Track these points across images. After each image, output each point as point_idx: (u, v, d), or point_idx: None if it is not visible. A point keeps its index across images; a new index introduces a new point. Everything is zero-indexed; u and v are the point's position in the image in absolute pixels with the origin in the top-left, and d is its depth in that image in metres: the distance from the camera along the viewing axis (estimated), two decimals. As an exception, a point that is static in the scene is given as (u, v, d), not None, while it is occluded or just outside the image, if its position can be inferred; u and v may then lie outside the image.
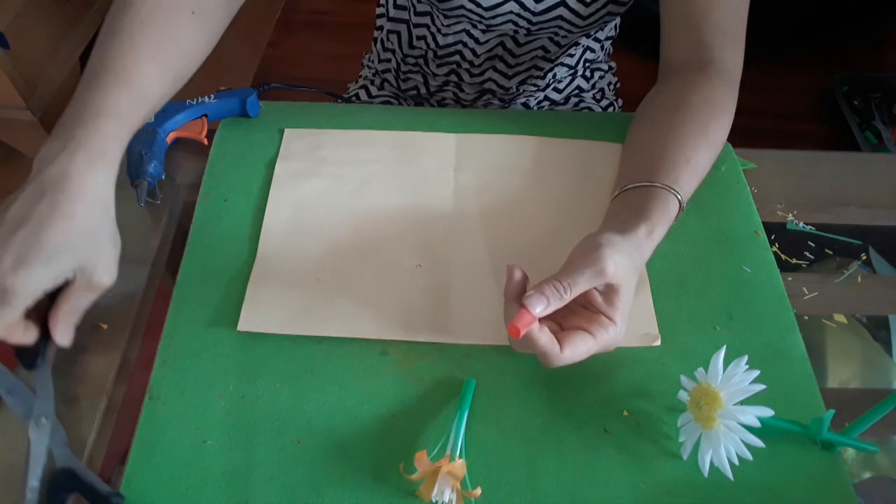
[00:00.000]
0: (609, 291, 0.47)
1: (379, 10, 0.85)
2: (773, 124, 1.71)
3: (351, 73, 0.97)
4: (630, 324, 0.52)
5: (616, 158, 0.64)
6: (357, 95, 0.90)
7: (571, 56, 0.80)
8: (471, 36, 0.75)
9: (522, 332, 0.44)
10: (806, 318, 0.56)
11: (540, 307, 0.45)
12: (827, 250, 0.61)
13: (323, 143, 0.65)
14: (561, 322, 0.48)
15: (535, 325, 0.45)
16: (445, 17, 0.73)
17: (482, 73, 0.80)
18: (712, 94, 0.59)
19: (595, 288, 0.47)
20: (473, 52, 0.77)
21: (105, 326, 0.54)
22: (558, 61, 0.79)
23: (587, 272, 0.45)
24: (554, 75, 0.81)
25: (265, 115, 0.67)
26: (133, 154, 0.61)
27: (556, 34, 0.73)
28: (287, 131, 0.66)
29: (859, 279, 0.59)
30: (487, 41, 0.75)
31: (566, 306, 0.46)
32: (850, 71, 1.72)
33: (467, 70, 0.80)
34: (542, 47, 0.76)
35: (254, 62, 1.86)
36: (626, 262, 0.47)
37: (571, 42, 0.76)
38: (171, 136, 0.64)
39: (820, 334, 0.57)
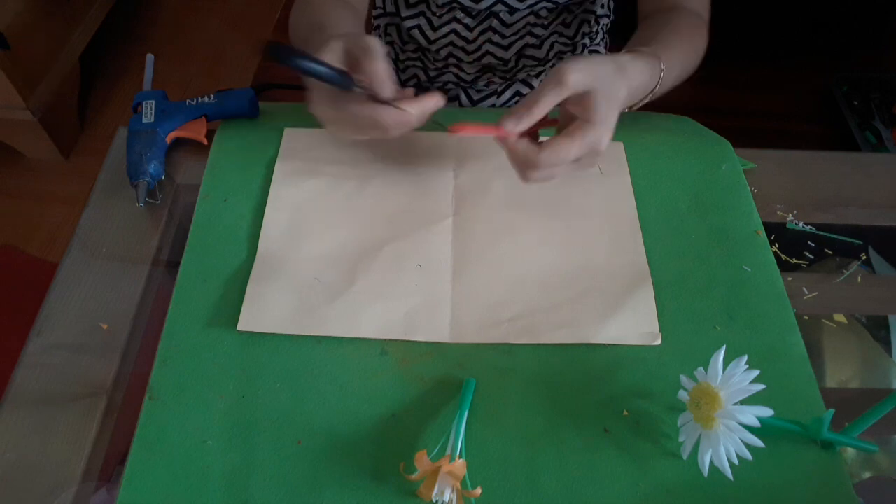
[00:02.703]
0: (582, 99, 0.50)
1: (376, 12, 0.87)
2: (773, 124, 1.71)
3: (350, 74, 0.97)
4: (631, 321, 0.53)
5: (617, 155, 0.64)
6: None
7: (567, 26, 0.80)
8: (464, 9, 0.77)
9: (458, 132, 0.51)
10: (806, 318, 0.56)
11: (511, 123, 0.50)
12: (827, 250, 0.61)
13: (323, 142, 0.65)
14: None
15: (514, 137, 0.51)
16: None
17: (479, 49, 0.80)
18: (687, 17, 0.68)
19: (570, 104, 0.51)
20: (468, 20, 0.78)
21: (105, 326, 0.54)
22: (552, 28, 0.80)
23: (548, 83, 0.50)
24: (551, 46, 0.81)
25: (265, 115, 0.67)
26: (133, 154, 0.61)
27: None
28: (287, 131, 0.66)
29: (859, 279, 0.59)
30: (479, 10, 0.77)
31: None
32: (850, 71, 1.72)
33: (462, 49, 0.80)
34: (535, 13, 0.77)
35: (254, 62, 1.86)
36: (592, 68, 0.50)
37: (563, 3, 0.77)
38: (170, 136, 0.64)
39: (820, 334, 0.57)
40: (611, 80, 0.51)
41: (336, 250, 0.57)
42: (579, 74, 0.49)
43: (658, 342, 0.52)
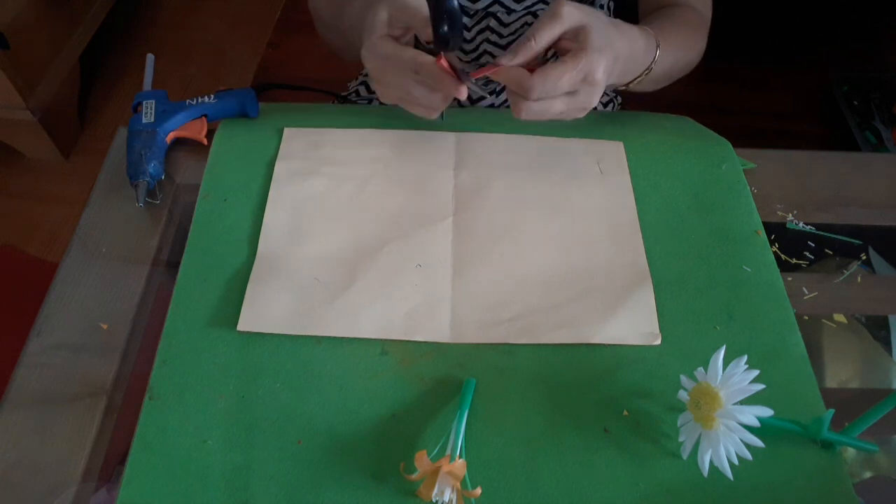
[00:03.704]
0: (576, 34, 0.51)
1: None
2: (773, 124, 1.71)
3: (350, 73, 0.97)
4: (631, 321, 0.53)
5: (617, 155, 0.64)
6: (357, 91, 0.90)
7: None
8: (461, 8, 0.76)
9: (441, 62, 0.51)
10: (806, 318, 0.56)
11: (507, 57, 0.51)
12: (827, 250, 0.61)
13: (322, 142, 0.65)
14: None
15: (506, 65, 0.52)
16: None
17: (477, 49, 0.80)
18: (688, 14, 0.68)
19: (565, 41, 0.52)
20: (465, 19, 0.78)
21: (105, 326, 0.54)
22: None
23: (542, 18, 0.51)
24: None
25: (265, 115, 0.67)
26: (133, 154, 0.61)
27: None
28: (287, 130, 0.66)
29: (859, 279, 0.59)
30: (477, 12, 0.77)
31: None
32: (850, 71, 1.72)
33: (461, 48, 0.80)
34: (533, 13, 0.77)
35: (254, 62, 1.86)
36: (586, 9, 0.52)
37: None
38: (170, 136, 0.64)
39: (820, 334, 0.57)
40: (604, 23, 0.52)
41: (336, 250, 0.57)
42: (572, 8, 0.51)
43: (658, 342, 0.52)
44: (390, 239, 0.58)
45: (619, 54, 0.53)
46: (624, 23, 0.57)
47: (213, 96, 0.66)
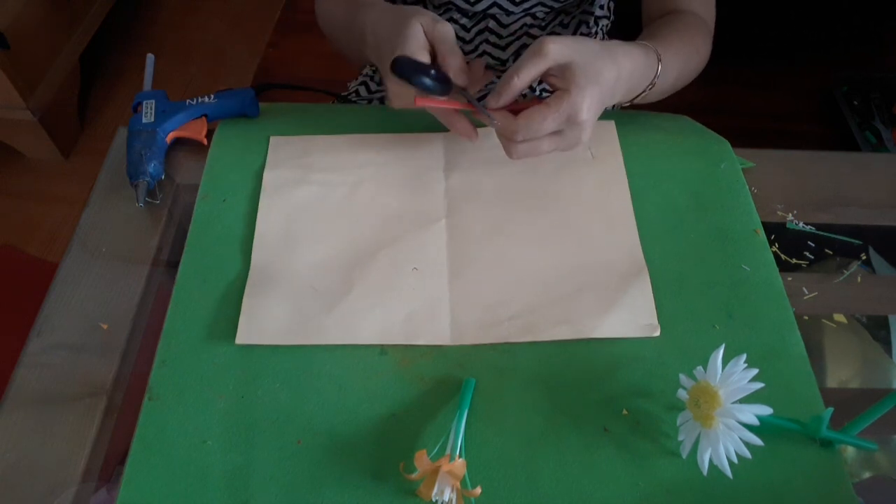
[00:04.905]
0: (562, 71, 0.50)
1: None
2: (773, 124, 1.71)
3: (350, 73, 0.97)
4: (629, 314, 0.53)
5: (608, 136, 0.64)
6: (357, 92, 0.90)
7: (565, 27, 0.81)
8: (459, 10, 0.77)
9: (418, 103, 0.53)
10: (806, 318, 0.56)
11: (493, 99, 0.52)
12: (827, 250, 0.61)
13: (310, 149, 0.64)
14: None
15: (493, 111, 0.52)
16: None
17: (476, 50, 0.80)
18: (691, 19, 0.67)
19: (552, 77, 0.52)
20: (464, 20, 0.78)
21: (105, 326, 0.54)
22: (549, 29, 0.80)
23: (527, 54, 0.50)
24: None
25: (265, 115, 0.67)
26: (133, 154, 0.61)
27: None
28: (272, 139, 0.65)
29: (859, 279, 0.59)
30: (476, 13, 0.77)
31: None
32: (850, 71, 1.72)
33: (460, 49, 0.80)
34: (531, 14, 0.77)
35: (254, 62, 1.86)
36: (573, 41, 0.51)
37: (559, 6, 0.77)
38: (170, 136, 0.64)
39: (819, 334, 0.57)
40: (593, 55, 0.51)
41: (331, 258, 0.57)
42: (559, 45, 0.50)
43: (657, 333, 0.52)
44: (385, 244, 0.57)
45: (611, 85, 0.52)
46: (621, 44, 0.55)
47: (213, 96, 0.66)
